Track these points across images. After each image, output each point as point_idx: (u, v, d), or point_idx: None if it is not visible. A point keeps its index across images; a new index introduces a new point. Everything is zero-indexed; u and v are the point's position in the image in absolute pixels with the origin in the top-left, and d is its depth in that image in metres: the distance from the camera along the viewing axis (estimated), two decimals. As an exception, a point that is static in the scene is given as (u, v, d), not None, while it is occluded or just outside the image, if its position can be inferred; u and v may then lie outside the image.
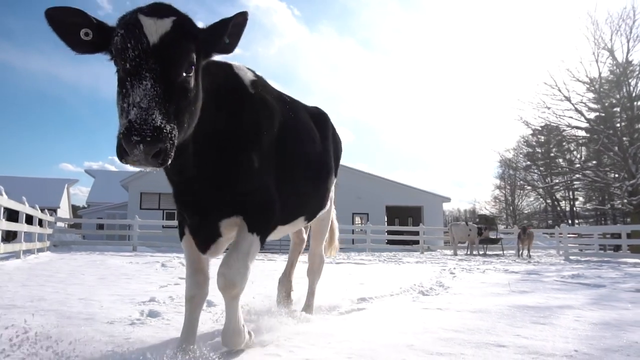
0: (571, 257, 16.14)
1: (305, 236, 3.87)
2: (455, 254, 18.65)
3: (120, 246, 18.34)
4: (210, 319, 3.22)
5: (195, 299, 2.38)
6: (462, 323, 3.15)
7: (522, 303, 4.20)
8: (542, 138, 32.80)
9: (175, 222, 18.55)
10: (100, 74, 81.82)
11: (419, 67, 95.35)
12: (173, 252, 15.21)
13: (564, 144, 29.69)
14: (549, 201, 44.83)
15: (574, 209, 44.32)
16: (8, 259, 9.38)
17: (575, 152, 32.51)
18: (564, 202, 44.96)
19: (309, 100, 3.43)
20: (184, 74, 1.78)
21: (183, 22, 1.82)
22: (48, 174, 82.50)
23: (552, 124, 24.34)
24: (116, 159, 1.63)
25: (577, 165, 26.95)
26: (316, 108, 3.62)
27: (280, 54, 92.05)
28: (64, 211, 36.49)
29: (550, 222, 42.14)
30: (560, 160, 33.65)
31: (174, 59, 1.74)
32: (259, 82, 2.64)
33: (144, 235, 18.68)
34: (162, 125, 1.59)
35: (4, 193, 9.14)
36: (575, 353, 2.33)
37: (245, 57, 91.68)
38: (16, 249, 10.33)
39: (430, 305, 4.06)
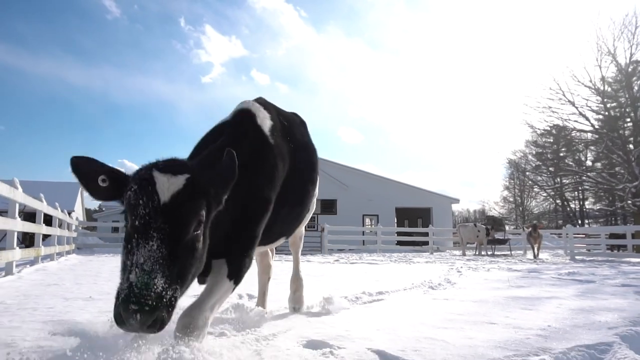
0: (577, 257, 16.61)
1: (272, 262, 3.83)
2: (464, 255, 19.16)
3: (140, 248, 19.10)
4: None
5: None
6: (463, 309, 3.85)
7: (517, 295, 4.88)
8: (551, 138, 33.13)
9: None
10: (110, 78, 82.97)
11: (428, 67, 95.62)
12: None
13: (574, 144, 29.98)
14: (558, 201, 45.10)
15: (584, 209, 44.55)
16: (43, 260, 10.09)
17: (583, 152, 32.75)
18: (573, 202, 45.21)
19: (317, 102, 3.82)
20: (193, 232, 1.78)
21: (196, 179, 1.82)
22: (59, 177, 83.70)
23: (566, 122, 24.71)
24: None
25: (582, 167, 27.36)
26: (296, 114, 3.76)
27: (288, 55, 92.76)
28: (77, 214, 37.43)
29: (560, 222, 42.41)
30: (570, 160, 33.89)
31: (183, 218, 1.73)
32: (275, 125, 2.78)
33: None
34: (163, 293, 1.57)
35: (44, 200, 9.91)
36: (548, 327, 3.02)
37: (253, 59, 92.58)
38: (52, 252, 11.16)
39: (438, 296, 4.76)
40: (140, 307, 1.48)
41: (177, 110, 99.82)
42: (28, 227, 8.59)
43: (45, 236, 10.97)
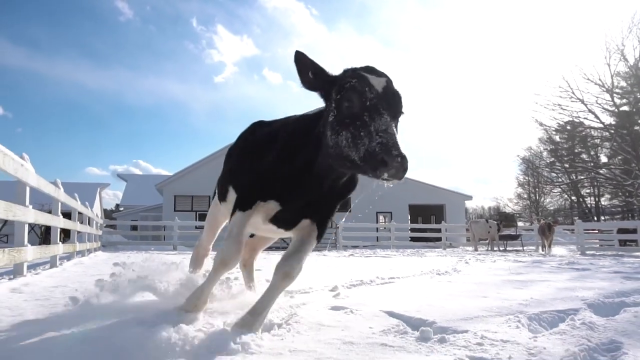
0: (587, 252, 16.93)
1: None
2: (476, 250, 19.59)
3: (162, 245, 19.90)
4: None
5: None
6: (463, 288, 4.45)
7: (514, 279, 5.45)
8: (566, 134, 33.21)
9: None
10: (123, 80, 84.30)
11: (441, 64, 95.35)
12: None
13: (589, 140, 30.05)
14: (574, 198, 45.09)
15: (600, 205, 44.51)
16: (75, 256, 10.82)
17: (599, 148, 32.74)
18: (589, 198, 45.18)
19: None
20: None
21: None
22: (75, 178, 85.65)
23: (576, 120, 24.95)
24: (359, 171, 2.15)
25: (591, 164, 27.54)
26: None
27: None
28: (93, 213, 38.47)
29: (576, 218, 42.46)
30: (586, 156, 33.85)
31: (399, 103, 2.22)
32: None
33: (182, 236, 20.12)
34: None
35: (78, 200, 10.67)
36: (531, 299, 3.60)
37: (265, 58, 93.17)
38: (85, 248, 11.96)
39: (442, 280, 5.37)
40: (400, 154, 1.88)
41: (189, 111, 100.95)
42: (68, 224, 9.32)
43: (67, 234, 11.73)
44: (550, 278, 5.56)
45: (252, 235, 4.02)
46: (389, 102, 2.14)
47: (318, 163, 2.40)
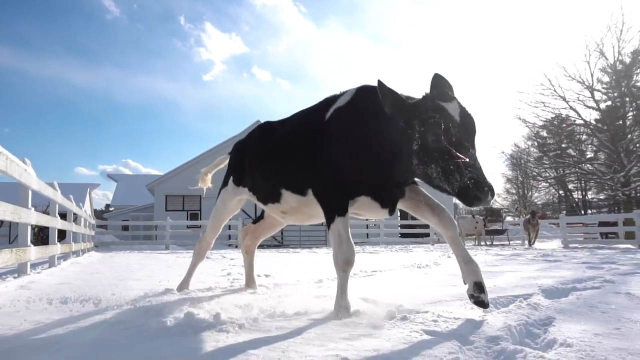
0: (570, 245, 17.46)
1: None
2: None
3: (154, 245, 20.16)
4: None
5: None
6: (437, 280, 4.87)
7: (486, 270, 5.85)
8: (552, 129, 33.80)
9: (197, 222, 20.07)
10: (112, 78, 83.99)
11: (431, 60, 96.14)
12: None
13: (575, 134, 30.60)
14: (561, 192, 45.80)
15: (587, 199, 45.26)
16: (71, 256, 11.10)
17: (583, 144, 33.40)
18: (576, 192, 45.90)
19: (319, 97, 4.77)
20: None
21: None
22: (64, 178, 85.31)
23: (562, 116, 25.51)
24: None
25: (576, 159, 28.16)
26: None
27: (289, 51, 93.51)
28: (86, 214, 38.49)
29: (564, 212, 43.22)
30: (573, 151, 34.41)
31: (474, 125, 2.50)
32: None
33: (174, 235, 20.39)
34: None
35: (73, 201, 10.96)
36: (494, 287, 4.02)
37: (254, 56, 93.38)
38: (81, 248, 12.26)
39: (421, 272, 5.80)
40: (490, 188, 2.29)
41: (179, 109, 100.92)
42: (65, 225, 9.62)
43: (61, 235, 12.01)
44: (520, 269, 6.00)
45: (256, 222, 4.47)
46: (467, 128, 2.44)
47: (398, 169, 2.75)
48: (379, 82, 2.56)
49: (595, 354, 1.89)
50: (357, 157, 2.83)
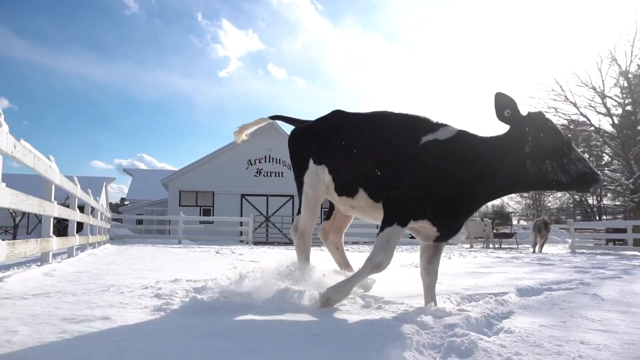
0: (577, 251, 17.56)
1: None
2: (472, 247, 20.29)
3: (168, 239, 20.72)
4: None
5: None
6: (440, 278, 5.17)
7: (477, 271, 6.20)
8: (569, 134, 33.63)
9: (210, 218, 20.54)
10: (129, 73, 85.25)
11: (446, 61, 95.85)
12: (214, 244, 17.39)
13: (592, 140, 30.43)
14: (576, 197, 45.51)
15: (602, 204, 44.91)
16: (87, 248, 11.64)
17: (599, 150, 33.15)
18: (591, 198, 45.58)
19: (334, 95, 4.85)
20: None
21: None
22: (80, 171, 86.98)
23: (579, 120, 25.43)
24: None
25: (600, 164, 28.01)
26: None
27: (305, 49, 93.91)
28: (103, 207, 39.28)
29: (579, 217, 42.97)
30: (587, 155, 34.22)
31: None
32: None
33: (187, 230, 20.92)
34: None
35: (91, 195, 11.48)
36: (475, 286, 4.36)
37: (270, 53, 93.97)
38: (97, 240, 12.82)
39: (415, 271, 6.12)
40: (599, 174, 2.90)
41: (194, 105, 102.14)
42: (84, 217, 10.13)
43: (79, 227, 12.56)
44: (510, 271, 6.31)
45: (328, 217, 4.42)
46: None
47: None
48: (499, 93, 3.00)
49: (530, 339, 2.23)
50: (439, 191, 3.08)
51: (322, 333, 2.18)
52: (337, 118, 3.91)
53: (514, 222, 37.26)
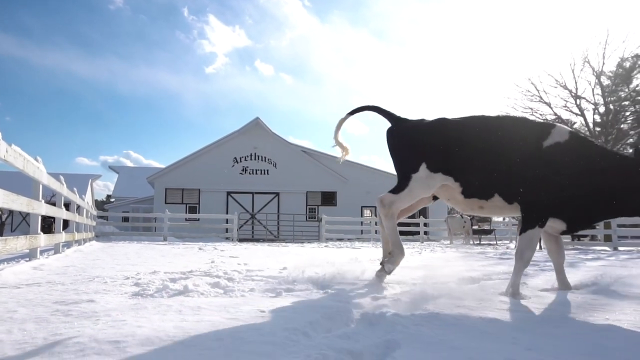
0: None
1: None
2: (451, 243, 20.95)
3: (153, 236, 21.03)
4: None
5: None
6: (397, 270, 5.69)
7: (441, 264, 6.72)
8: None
9: (196, 215, 20.96)
10: (115, 69, 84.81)
11: (436, 58, 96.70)
12: (199, 241, 17.76)
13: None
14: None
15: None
16: (73, 245, 11.97)
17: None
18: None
19: (322, 92, 5.28)
20: None
21: None
22: (65, 168, 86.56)
23: (561, 117, 26.21)
24: None
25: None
26: None
27: (292, 45, 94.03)
28: (88, 205, 39.33)
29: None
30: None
31: None
32: None
33: (172, 227, 21.26)
34: None
35: (76, 192, 11.84)
36: (424, 276, 4.85)
37: (257, 49, 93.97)
38: (83, 237, 13.16)
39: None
40: None
41: (181, 101, 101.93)
42: (70, 215, 10.50)
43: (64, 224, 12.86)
44: (467, 264, 6.86)
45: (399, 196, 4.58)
46: None
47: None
48: None
49: (439, 316, 2.74)
50: (570, 190, 3.62)
51: (267, 309, 2.67)
52: (450, 126, 4.21)
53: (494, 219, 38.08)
